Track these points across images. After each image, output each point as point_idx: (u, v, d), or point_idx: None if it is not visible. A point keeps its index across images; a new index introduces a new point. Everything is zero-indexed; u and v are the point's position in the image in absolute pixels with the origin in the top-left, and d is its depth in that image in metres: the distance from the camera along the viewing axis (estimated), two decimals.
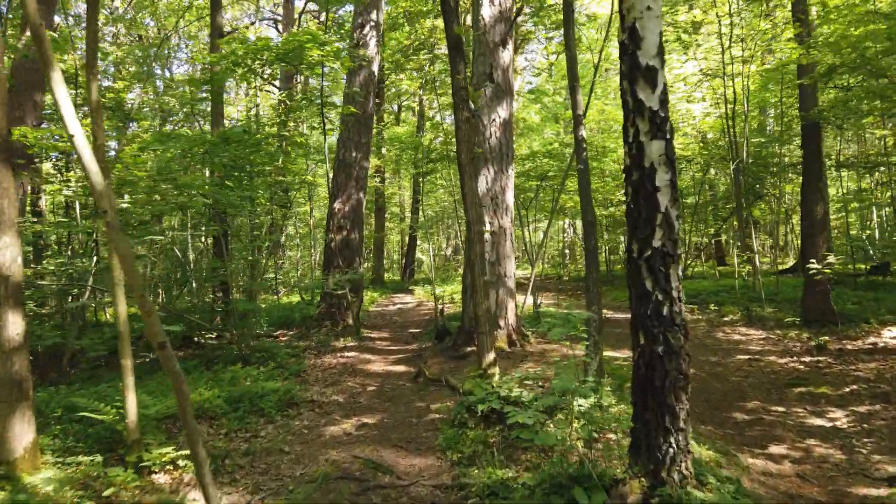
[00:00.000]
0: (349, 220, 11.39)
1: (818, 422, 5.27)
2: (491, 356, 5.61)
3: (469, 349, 8.17)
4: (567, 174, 8.90)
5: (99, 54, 15.91)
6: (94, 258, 8.31)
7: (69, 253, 9.76)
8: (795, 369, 7.05)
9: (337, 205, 11.39)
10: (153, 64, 15.72)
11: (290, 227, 18.39)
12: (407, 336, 10.68)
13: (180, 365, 7.70)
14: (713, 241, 21.78)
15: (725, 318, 10.53)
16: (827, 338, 8.07)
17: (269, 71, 9.16)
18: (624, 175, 3.55)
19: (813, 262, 8.69)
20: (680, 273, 3.47)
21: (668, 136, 3.36)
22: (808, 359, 7.46)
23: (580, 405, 4.93)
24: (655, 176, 3.34)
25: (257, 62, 8.85)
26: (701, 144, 15.56)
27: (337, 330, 10.38)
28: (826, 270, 8.47)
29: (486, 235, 8.35)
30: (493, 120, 8.45)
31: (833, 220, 16.78)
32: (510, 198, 8.55)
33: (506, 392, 5.01)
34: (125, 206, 8.18)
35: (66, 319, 9.97)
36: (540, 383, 6.57)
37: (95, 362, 8.54)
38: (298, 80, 20.06)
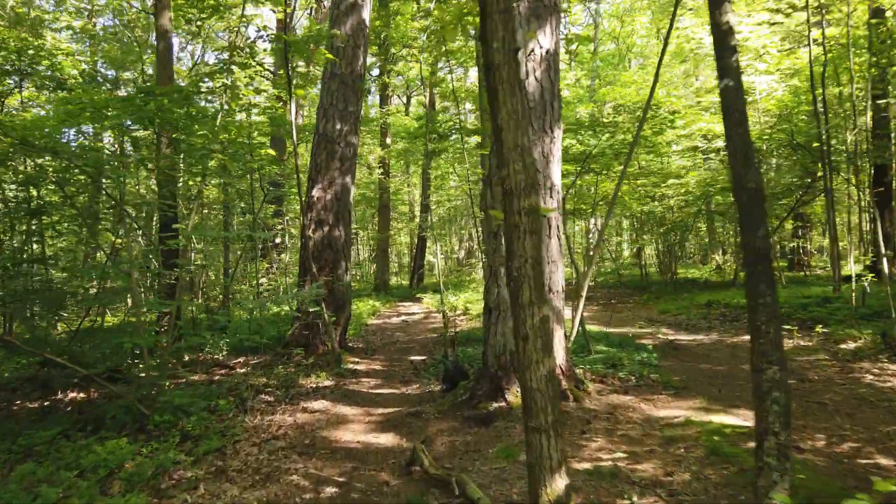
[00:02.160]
0: (331, 213, 8.25)
1: None
2: (560, 485, 2.40)
3: (495, 405, 4.97)
4: (635, 145, 5.65)
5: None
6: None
7: None
8: None
9: (316, 192, 8.26)
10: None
11: (280, 226, 15.34)
12: (406, 369, 7.49)
13: (38, 430, 4.53)
14: None
15: (845, 346, 7.22)
16: None
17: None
18: None
19: None
20: None
21: None
22: None
23: None
24: None
25: None
26: (774, 122, 12.15)
27: (309, 362, 7.23)
28: None
29: None
30: (531, 52, 5.26)
31: None
32: (556, 173, 5.34)
33: None
34: None
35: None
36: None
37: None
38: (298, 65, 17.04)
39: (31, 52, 9.14)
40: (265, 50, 10.29)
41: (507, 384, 5.04)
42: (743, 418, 4.72)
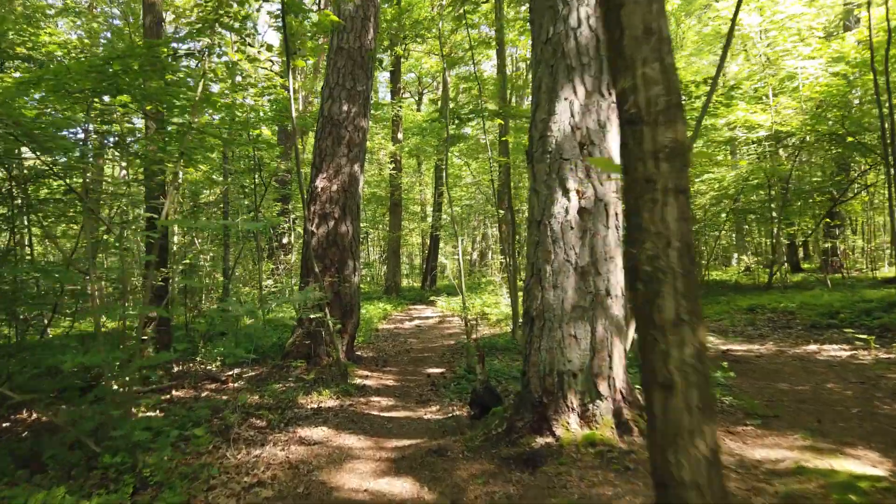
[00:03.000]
0: (338, 205, 7.16)
1: None
2: None
3: (541, 441, 3.83)
4: (703, 116, 4.49)
5: None
6: None
7: None
8: None
9: (320, 182, 7.18)
10: None
11: (286, 224, 14.30)
12: (423, 385, 6.37)
13: None
14: (792, 244, 17.00)
15: None
16: None
17: None
18: None
19: None
20: None
21: None
22: None
23: None
24: None
25: None
26: (819, 110, 10.87)
27: (310, 378, 6.12)
28: None
29: (569, 213, 4.04)
30: None
31: None
32: (616, 147, 4.19)
33: None
34: None
35: None
36: None
37: None
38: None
39: (9, 31, 8.19)
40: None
41: (556, 413, 3.90)
42: (870, 463, 3.53)
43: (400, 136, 15.96)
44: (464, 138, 8.29)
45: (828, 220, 14.97)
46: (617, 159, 4.13)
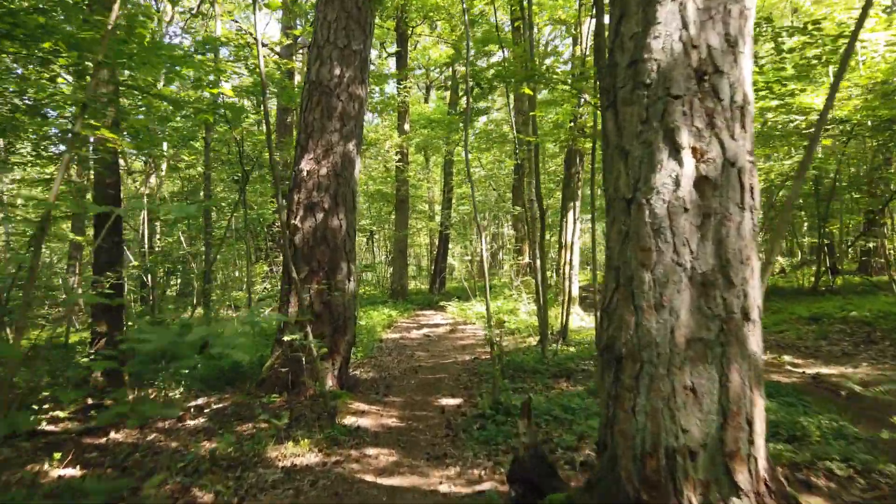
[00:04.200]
0: (327, 193, 5.56)
1: None
2: None
3: None
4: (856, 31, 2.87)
5: None
6: None
7: None
8: None
9: (305, 164, 5.58)
10: None
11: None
12: (436, 425, 4.73)
13: None
14: (830, 243, 15.25)
15: None
16: None
17: None
18: None
19: None
20: None
21: None
22: None
23: None
24: None
25: None
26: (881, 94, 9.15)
27: (282, 423, 4.48)
28: None
29: (682, 186, 2.39)
30: None
31: None
32: (747, 76, 2.52)
33: None
34: None
35: None
36: None
37: None
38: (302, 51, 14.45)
39: None
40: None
41: None
42: None
43: (407, 127, 14.36)
44: (485, 112, 6.78)
45: (875, 217, 13.32)
46: (751, 96, 2.40)
